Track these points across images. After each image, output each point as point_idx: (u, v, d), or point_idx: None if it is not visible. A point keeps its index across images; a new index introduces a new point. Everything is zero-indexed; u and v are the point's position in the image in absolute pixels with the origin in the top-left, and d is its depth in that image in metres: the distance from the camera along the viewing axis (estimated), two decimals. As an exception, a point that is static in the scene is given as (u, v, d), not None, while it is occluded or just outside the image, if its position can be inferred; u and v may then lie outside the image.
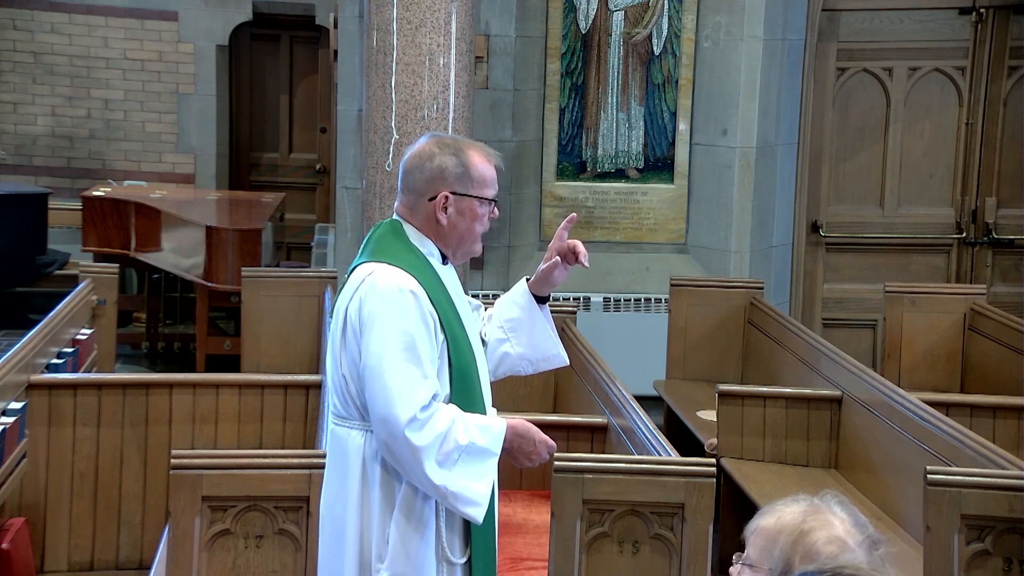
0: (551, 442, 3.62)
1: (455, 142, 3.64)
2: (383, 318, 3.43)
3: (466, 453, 3.43)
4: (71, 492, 5.38)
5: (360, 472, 3.51)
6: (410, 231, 3.58)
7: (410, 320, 3.43)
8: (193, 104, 11.31)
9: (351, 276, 3.59)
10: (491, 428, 3.50)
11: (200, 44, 11.25)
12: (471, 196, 3.55)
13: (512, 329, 3.76)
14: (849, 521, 2.22)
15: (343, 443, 3.55)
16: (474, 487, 3.45)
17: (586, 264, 3.70)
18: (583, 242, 3.73)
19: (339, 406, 3.58)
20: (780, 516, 2.25)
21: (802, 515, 2.23)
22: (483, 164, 3.58)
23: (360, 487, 3.51)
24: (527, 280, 3.78)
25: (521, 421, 3.61)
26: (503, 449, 3.55)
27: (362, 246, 3.66)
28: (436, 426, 3.39)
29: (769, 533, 2.24)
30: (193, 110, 11.31)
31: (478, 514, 3.47)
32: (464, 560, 3.56)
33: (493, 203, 3.61)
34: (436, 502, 3.49)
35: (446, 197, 3.53)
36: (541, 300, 3.78)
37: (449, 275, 3.63)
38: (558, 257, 3.69)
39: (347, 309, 3.51)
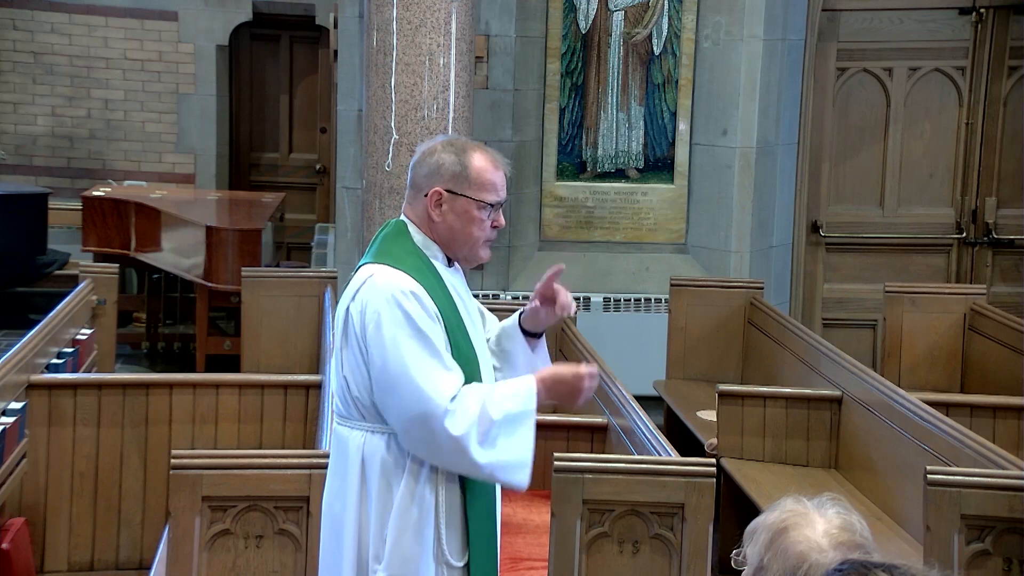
0: (584, 369, 3.54)
1: (462, 143, 3.62)
2: (391, 322, 3.41)
3: (504, 425, 3.42)
4: (71, 492, 5.38)
5: (359, 472, 3.50)
6: (415, 232, 3.57)
7: (417, 318, 3.42)
8: (193, 104, 11.31)
9: (354, 277, 3.59)
10: (520, 391, 3.48)
11: (200, 44, 11.25)
12: (466, 196, 3.52)
13: (503, 360, 3.72)
14: (837, 522, 2.22)
15: (344, 442, 3.55)
16: (517, 454, 3.45)
17: (570, 314, 3.63)
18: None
19: (340, 406, 3.58)
20: (768, 514, 2.26)
21: (787, 513, 2.23)
22: (484, 167, 3.54)
23: (359, 487, 3.51)
24: (520, 314, 3.71)
25: (548, 369, 3.57)
26: (542, 402, 3.53)
27: (368, 246, 3.66)
28: (469, 411, 3.38)
29: (754, 530, 2.26)
30: (193, 110, 11.31)
31: (525, 477, 3.47)
32: (463, 563, 3.54)
33: (493, 208, 3.56)
34: (435, 504, 3.48)
35: (439, 194, 3.52)
36: (535, 335, 3.70)
37: (454, 278, 3.61)
38: (537, 302, 3.62)
39: (348, 310, 3.51)
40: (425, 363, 3.39)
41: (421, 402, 3.36)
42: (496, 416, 3.40)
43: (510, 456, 3.43)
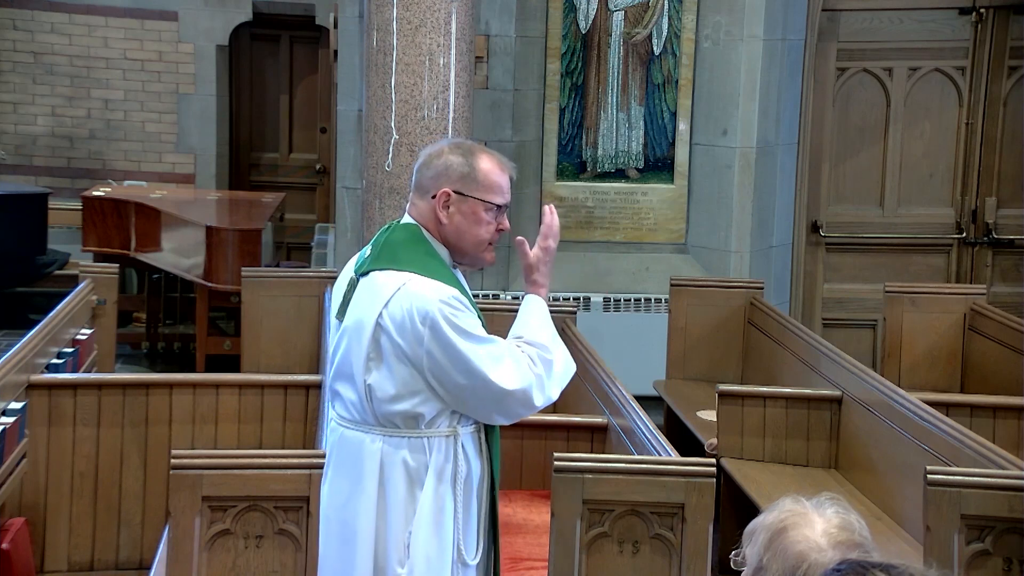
0: (541, 239, 3.74)
1: (469, 146, 3.64)
2: (452, 330, 3.45)
3: (553, 352, 3.59)
4: (71, 492, 5.38)
5: (377, 477, 3.52)
6: (429, 237, 3.57)
7: (470, 319, 3.49)
8: (193, 104, 11.31)
9: (373, 282, 3.54)
10: (538, 315, 3.65)
11: (200, 44, 11.25)
12: (474, 198, 3.54)
13: None
14: (836, 522, 2.22)
15: (356, 447, 3.55)
16: (565, 359, 3.65)
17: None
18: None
19: (354, 412, 3.56)
20: (767, 514, 2.26)
21: (786, 513, 2.24)
22: (491, 169, 3.56)
23: (377, 491, 3.52)
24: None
25: (530, 274, 3.72)
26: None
27: (376, 249, 3.61)
28: (539, 376, 3.53)
29: (753, 530, 2.26)
30: (193, 110, 11.31)
31: (573, 364, 3.70)
32: (477, 561, 3.58)
33: (499, 210, 3.59)
34: (454, 506, 3.51)
35: (447, 195, 3.53)
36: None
37: (462, 280, 3.64)
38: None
39: (379, 320, 3.48)
40: (495, 361, 3.48)
41: (505, 395, 3.50)
42: (549, 355, 3.57)
43: (564, 365, 3.64)
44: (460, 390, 3.47)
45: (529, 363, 3.52)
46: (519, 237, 3.77)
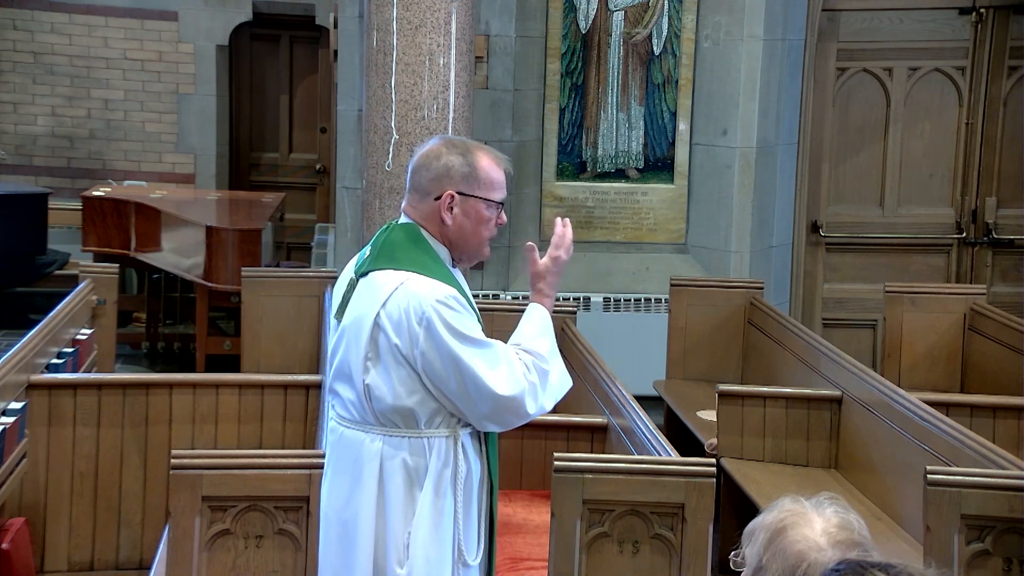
0: (553, 249, 3.74)
1: (463, 143, 3.65)
2: (447, 330, 3.45)
3: (551, 364, 3.59)
4: (71, 492, 5.38)
5: (377, 477, 3.51)
6: (428, 237, 3.58)
7: (467, 320, 3.49)
8: (193, 104, 11.31)
9: (372, 282, 3.54)
10: (540, 324, 3.66)
11: (200, 44, 11.25)
12: (477, 197, 3.54)
13: None
14: (835, 521, 2.22)
15: (356, 447, 3.55)
16: (560, 371, 3.64)
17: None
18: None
19: (353, 412, 3.56)
20: (766, 514, 2.27)
21: (785, 513, 2.24)
22: (491, 167, 3.57)
23: (377, 491, 3.52)
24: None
25: (537, 282, 3.74)
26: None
27: (375, 250, 3.61)
28: (533, 383, 3.53)
29: (753, 530, 2.27)
30: (193, 110, 11.31)
31: (569, 379, 3.71)
32: (478, 561, 3.59)
33: (500, 207, 3.60)
34: (455, 506, 3.51)
35: (451, 196, 3.53)
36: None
37: (461, 279, 3.64)
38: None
39: (376, 319, 3.48)
40: (490, 362, 3.47)
41: (497, 400, 3.48)
42: (546, 365, 3.57)
43: (560, 379, 3.64)
44: (452, 392, 3.47)
45: (524, 370, 3.52)
46: (529, 243, 3.77)
